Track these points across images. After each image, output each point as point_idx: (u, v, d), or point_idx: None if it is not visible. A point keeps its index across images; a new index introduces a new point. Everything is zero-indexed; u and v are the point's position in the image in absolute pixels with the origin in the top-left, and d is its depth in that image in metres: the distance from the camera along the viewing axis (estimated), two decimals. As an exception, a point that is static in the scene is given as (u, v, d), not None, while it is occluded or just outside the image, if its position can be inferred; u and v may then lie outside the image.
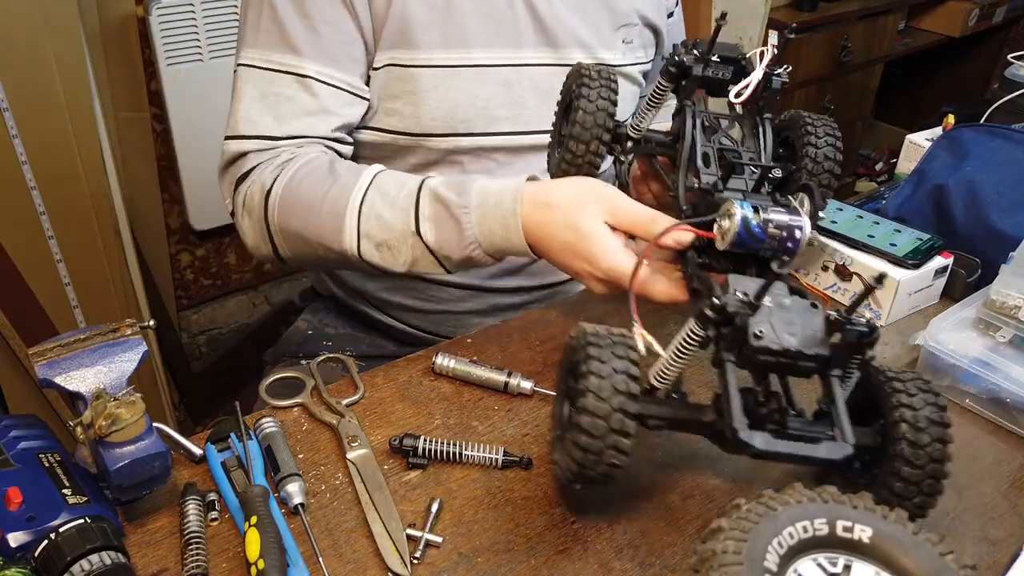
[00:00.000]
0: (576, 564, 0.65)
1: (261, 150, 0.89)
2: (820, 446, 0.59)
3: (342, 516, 0.68)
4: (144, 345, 0.68)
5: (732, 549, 0.50)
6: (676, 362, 0.64)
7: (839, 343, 0.58)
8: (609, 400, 0.59)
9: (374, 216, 0.82)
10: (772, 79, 0.76)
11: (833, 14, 2.38)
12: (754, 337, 0.57)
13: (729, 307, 0.58)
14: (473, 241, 0.79)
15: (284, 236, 0.87)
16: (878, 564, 0.52)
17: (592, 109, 0.77)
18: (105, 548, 0.59)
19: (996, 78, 2.64)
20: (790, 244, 0.65)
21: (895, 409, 0.63)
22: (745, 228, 0.65)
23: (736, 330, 0.59)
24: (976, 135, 1.05)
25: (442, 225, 0.80)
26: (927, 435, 0.62)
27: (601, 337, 0.62)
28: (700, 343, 0.62)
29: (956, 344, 0.85)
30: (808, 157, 0.79)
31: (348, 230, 0.82)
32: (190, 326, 2.05)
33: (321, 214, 0.83)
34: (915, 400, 0.63)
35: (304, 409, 0.79)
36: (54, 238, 1.47)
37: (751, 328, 0.58)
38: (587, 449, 0.60)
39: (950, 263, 0.97)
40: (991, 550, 0.68)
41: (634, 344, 0.63)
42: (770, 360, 0.58)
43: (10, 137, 1.35)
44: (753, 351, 0.57)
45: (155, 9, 1.58)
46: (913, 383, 0.64)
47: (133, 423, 0.62)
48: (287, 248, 0.88)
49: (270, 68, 0.88)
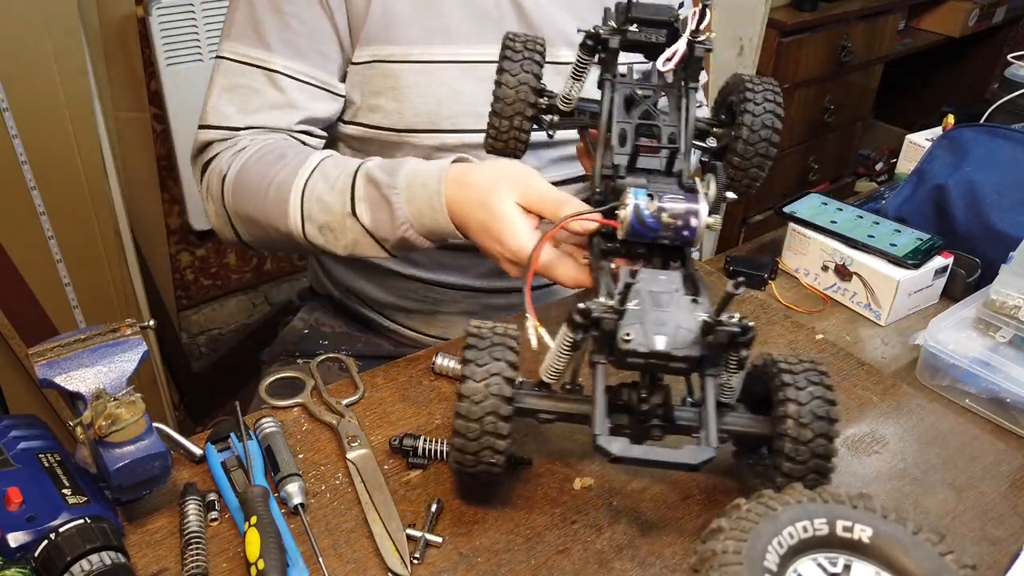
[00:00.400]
0: (576, 564, 0.65)
1: (223, 139, 0.92)
2: (680, 450, 0.58)
3: (342, 516, 0.68)
4: (144, 345, 0.67)
5: (732, 549, 0.50)
6: (559, 360, 0.64)
7: (711, 343, 0.58)
8: (482, 403, 0.60)
9: (315, 199, 0.84)
10: (695, 46, 0.72)
11: (833, 14, 2.38)
12: (622, 340, 0.57)
13: (594, 312, 0.58)
14: (404, 222, 0.80)
15: (240, 220, 0.90)
16: (878, 564, 0.52)
17: (514, 83, 0.75)
18: (105, 548, 0.58)
19: (996, 78, 2.64)
20: (686, 233, 0.65)
21: (781, 404, 0.62)
22: (638, 218, 0.64)
23: (604, 334, 0.59)
24: (976, 135, 1.05)
25: (375, 206, 0.81)
26: (810, 431, 0.61)
27: (481, 338, 0.63)
28: (572, 345, 0.62)
29: (956, 344, 0.85)
30: (745, 125, 0.75)
31: (293, 213, 0.85)
32: (190, 326, 2.04)
33: (268, 197, 0.86)
34: (802, 394, 0.62)
35: (304, 409, 0.79)
36: (54, 238, 1.46)
37: (619, 331, 0.58)
38: (462, 450, 0.62)
39: (950, 263, 0.97)
40: (991, 550, 0.68)
41: (514, 344, 0.63)
42: (639, 362, 0.58)
43: (10, 137, 1.35)
44: (622, 354, 0.58)
45: (155, 9, 1.57)
46: (805, 375, 0.63)
47: (133, 423, 0.62)
48: (245, 232, 0.92)
49: (241, 61, 0.91)
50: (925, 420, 0.81)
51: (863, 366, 0.88)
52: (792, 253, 1.04)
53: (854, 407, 0.82)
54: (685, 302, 0.61)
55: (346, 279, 1.10)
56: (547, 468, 0.73)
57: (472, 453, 0.62)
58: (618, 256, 0.69)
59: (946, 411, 0.83)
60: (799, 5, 2.33)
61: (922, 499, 0.72)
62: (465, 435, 0.62)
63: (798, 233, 1.03)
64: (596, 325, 0.59)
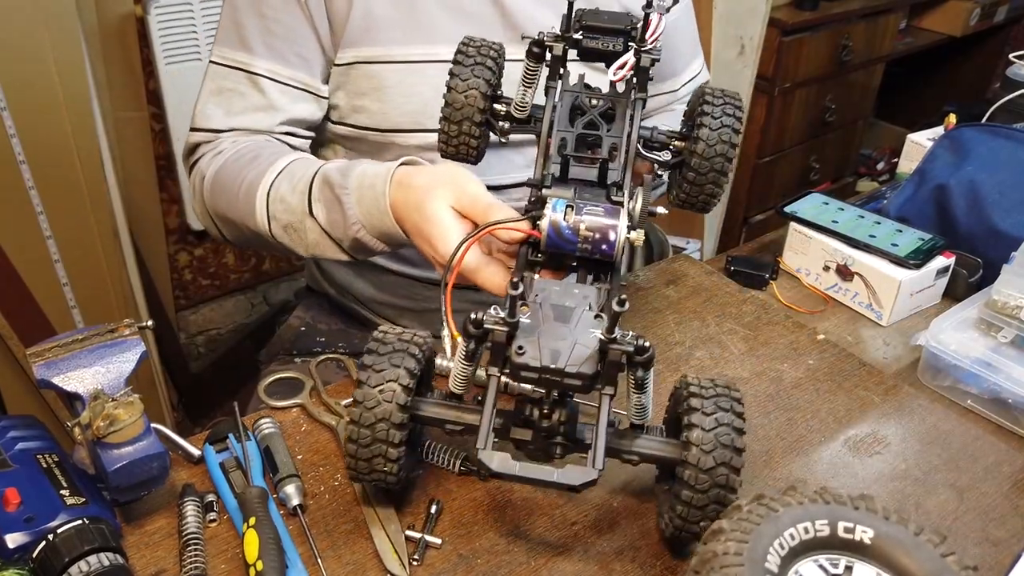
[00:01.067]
0: (577, 566, 0.64)
1: (208, 141, 0.94)
2: (563, 470, 0.57)
3: (341, 517, 0.67)
4: (142, 345, 0.67)
5: (733, 550, 0.49)
6: (462, 370, 0.63)
7: (609, 362, 0.57)
8: (374, 409, 0.60)
9: (279, 199, 0.85)
10: (641, 56, 0.69)
11: (834, 13, 2.37)
12: (515, 353, 0.57)
13: (486, 323, 0.58)
14: (356, 222, 0.80)
15: (219, 219, 0.93)
16: (879, 565, 0.52)
17: (463, 88, 0.74)
18: (103, 549, 0.58)
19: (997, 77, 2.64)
20: (604, 246, 0.64)
21: (686, 428, 0.60)
22: (555, 229, 0.64)
23: (495, 345, 0.58)
24: (978, 135, 1.05)
25: (329, 206, 0.82)
26: (712, 458, 0.59)
27: (383, 343, 0.63)
28: (468, 356, 0.62)
29: (958, 344, 0.84)
30: (701, 139, 0.71)
31: (259, 212, 0.86)
32: (188, 326, 2.04)
33: (239, 197, 0.87)
34: (707, 420, 0.60)
35: (303, 410, 0.78)
36: (52, 238, 1.46)
37: (513, 344, 0.57)
38: (355, 456, 0.61)
39: (952, 263, 0.97)
40: (993, 551, 0.68)
41: (417, 351, 0.63)
42: (532, 376, 0.57)
43: (8, 137, 1.35)
44: (515, 367, 0.57)
45: (153, 9, 1.57)
46: (715, 400, 0.61)
47: (131, 424, 0.61)
48: (225, 230, 0.94)
49: (227, 65, 0.93)
50: (927, 421, 0.81)
51: (864, 366, 0.88)
52: (793, 253, 1.04)
53: (855, 408, 0.82)
54: (588, 318, 0.60)
55: (341, 278, 1.10)
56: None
57: (365, 459, 0.62)
58: (545, 268, 0.68)
59: (948, 412, 0.83)
60: (800, 4, 2.33)
61: (924, 500, 0.72)
62: (357, 441, 0.61)
63: (799, 233, 1.03)
64: (486, 337, 0.58)
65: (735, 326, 0.93)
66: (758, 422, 0.80)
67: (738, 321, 0.94)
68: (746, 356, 0.89)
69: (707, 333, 0.92)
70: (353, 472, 0.63)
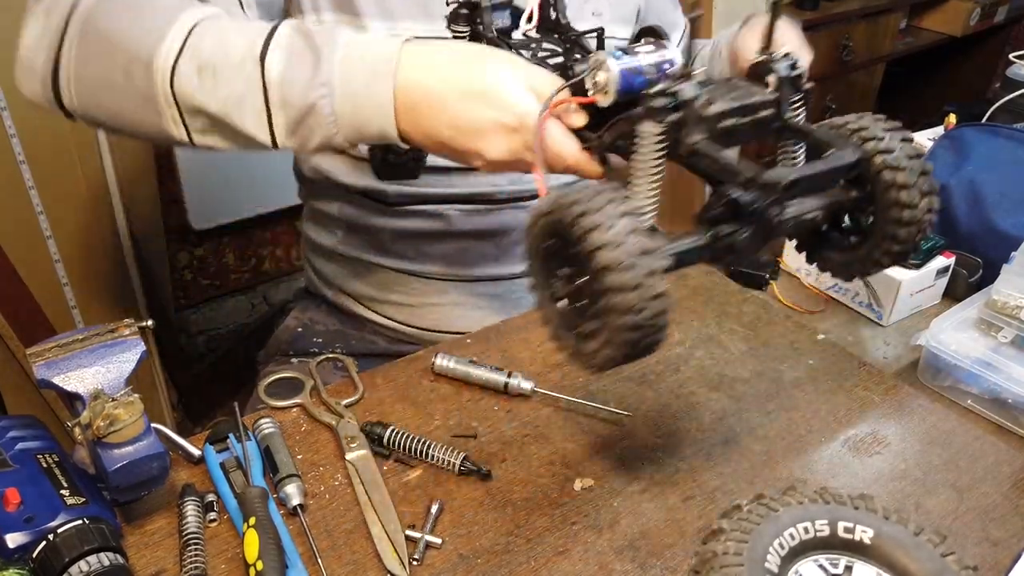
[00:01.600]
0: (576, 566, 0.64)
1: None
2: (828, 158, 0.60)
3: (341, 517, 0.67)
4: (142, 345, 0.67)
5: (733, 550, 0.50)
6: (653, 185, 0.59)
7: (777, 82, 0.59)
8: (625, 244, 0.50)
9: (214, 31, 0.67)
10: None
11: (834, 13, 2.38)
12: (706, 104, 0.57)
13: (683, 92, 0.57)
14: (326, 83, 0.64)
15: (80, 37, 0.70)
16: (879, 565, 0.52)
17: None
18: (103, 549, 0.58)
19: (998, 77, 2.64)
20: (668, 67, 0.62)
21: (874, 156, 0.62)
22: (630, 72, 0.60)
23: (689, 109, 0.57)
24: (978, 135, 1.05)
25: (295, 56, 0.65)
26: (911, 174, 0.61)
27: (580, 190, 0.53)
28: (663, 142, 0.57)
29: (958, 344, 0.84)
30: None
31: (173, 37, 0.67)
32: (188, 326, 2.04)
33: (146, 11, 0.69)
34: (886, 143, 0.62)
35: (303, 410, 0.78)
36: (52, 238, 1.46)
37: (699, 100, 0.57)
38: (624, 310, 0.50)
39: (952, 263, 0.97)
40: (993, 551, 0.68)
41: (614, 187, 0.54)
42: (728, 123, 0.58)
43: (8, 137, 1.35)
44: (714, 118, 0.57)
45: (154, 8, 1.57)
46: (876, 125, 0.64)
47: (131, 424, 0.61)
48: (73, 64, 0.70)
49: None
50: (927, 421, 0.81)
51: (864, 366, 0.88)
52: (794, 253, 1.04)
53: (855, 408, 0.82)
54: (736, 82, 0.61)
55: (337, 278, 1.10)
56: (547, 469, 0.73)
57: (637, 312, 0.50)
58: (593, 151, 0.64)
59: (948, 412, 0.83)
60: (800, 4, 2.33)
61: (924, 500, 0.72)
62: (621, 288, 0.50)
63: (799, 233, 1.02)
64: (677, 107, 0.57)
65: (735, 326, 0.93)
66: (758, 422, 0.80)
67: (738, 321, 0.94)
68: (746, 356, 0.89)
69: (707, 333, 0.92)
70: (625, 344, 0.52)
